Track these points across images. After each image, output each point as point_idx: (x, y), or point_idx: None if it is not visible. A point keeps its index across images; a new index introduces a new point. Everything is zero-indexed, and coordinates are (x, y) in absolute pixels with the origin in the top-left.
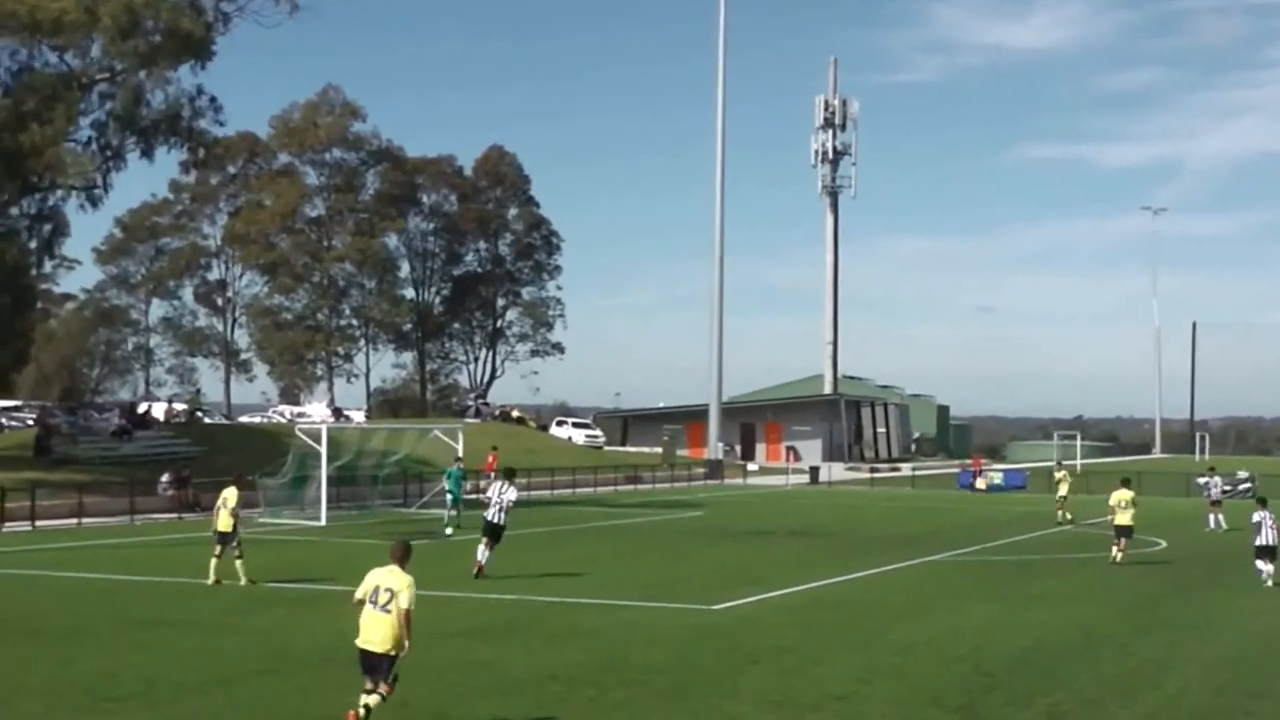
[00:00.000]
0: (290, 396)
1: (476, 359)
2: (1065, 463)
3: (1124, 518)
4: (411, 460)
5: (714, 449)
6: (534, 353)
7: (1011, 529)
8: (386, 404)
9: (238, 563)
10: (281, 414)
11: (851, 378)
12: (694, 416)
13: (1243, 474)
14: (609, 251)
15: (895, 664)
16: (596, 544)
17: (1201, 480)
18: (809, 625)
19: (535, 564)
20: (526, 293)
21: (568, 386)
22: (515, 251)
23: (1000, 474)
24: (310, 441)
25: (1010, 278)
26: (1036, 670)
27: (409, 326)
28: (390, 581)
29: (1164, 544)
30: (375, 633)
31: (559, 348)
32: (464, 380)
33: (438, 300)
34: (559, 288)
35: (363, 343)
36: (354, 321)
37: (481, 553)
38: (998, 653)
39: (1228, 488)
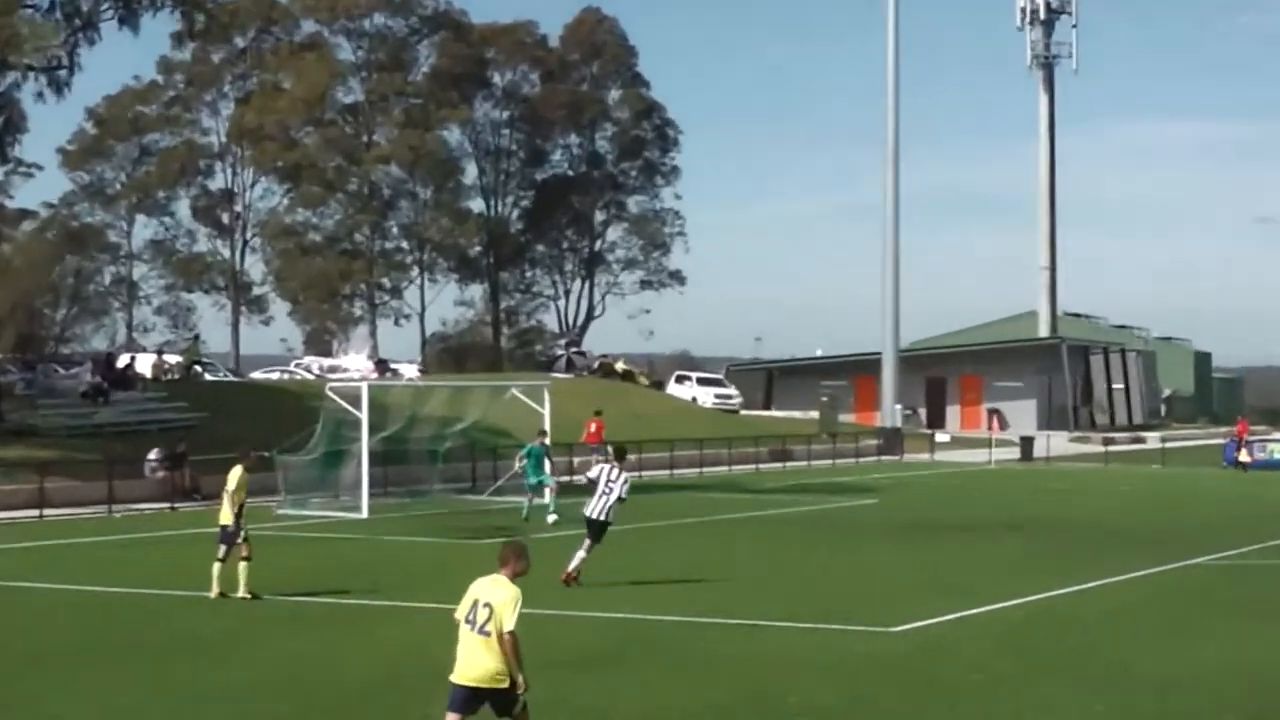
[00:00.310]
0: (319, 345)
1: (568, 293)
2: None
3: None
4: (482, 429)
5: (890, 413)
6: (645, 284)
7: None
8: (448, 354)
9: (241, 567)
10: (308, 369)
11: (1077, 316)
12: (863, 369)
13: None
14: (745, 147)
15: (1149, 710)
16: (732, 543)
17: None
18: (1026, 654)
19: (649, 569)
20: (634, 204)
21: (691, 330)
22: (619, 148)
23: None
24: (346, 405)
25: None
26: None
27: (477, 250)
28: (491, 594)
29: None
30: (470, 662)
31: (678, 277)
32: (551, 322)
33: (515, 215)
34: (677, 197)
35: (415, 273)
36: (403, 244)
37: (579, 556)
38: None
39: None
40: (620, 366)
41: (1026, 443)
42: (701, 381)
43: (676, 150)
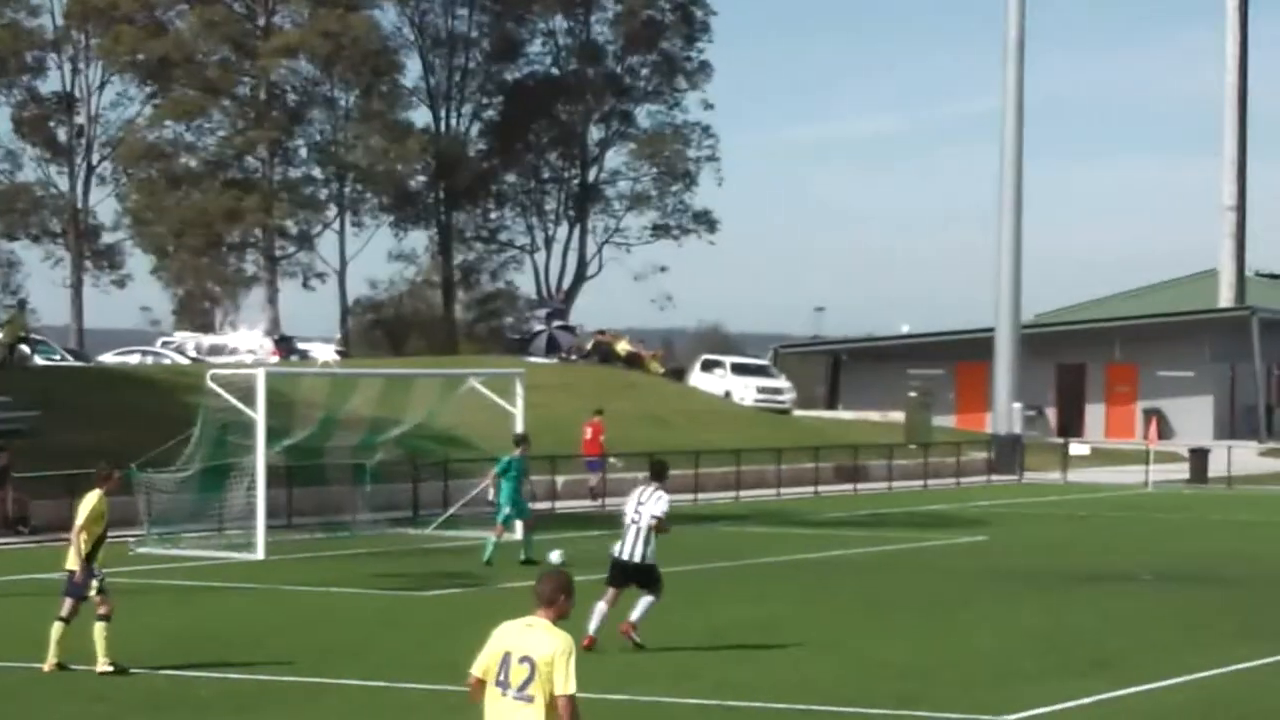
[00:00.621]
0: (196, 317)
1: (550, 243)
2: None
3: None
4: (427, 436)
5: (1007, 415)
6: (659, 231)
7: None
8: (380, 330)
9: (98, 629)
10: (181, 349)
11: (1276, 277)
12: (968, 353)
13: None
14: (805, 39)
15: None
16: (777, 597)
17: None
18: None
19: (657, 634)
20: (646, 115)
21: (724, 297)
22: (624, 36)
23: None
24: (234, 402)
25: None
26: None
27: (421, 181)
28: (531, 645)
29: None
30: None
31: (707, 221)
32: (526, 284)
33: (476, 132)
34: (708, 106)
35: (333, 213)
36: (316, 173)
37: (600, 612)
38: None
39: None
40: (623, 347)
41: (1199, 457)
42: (739, 369)
43: (707, 39)
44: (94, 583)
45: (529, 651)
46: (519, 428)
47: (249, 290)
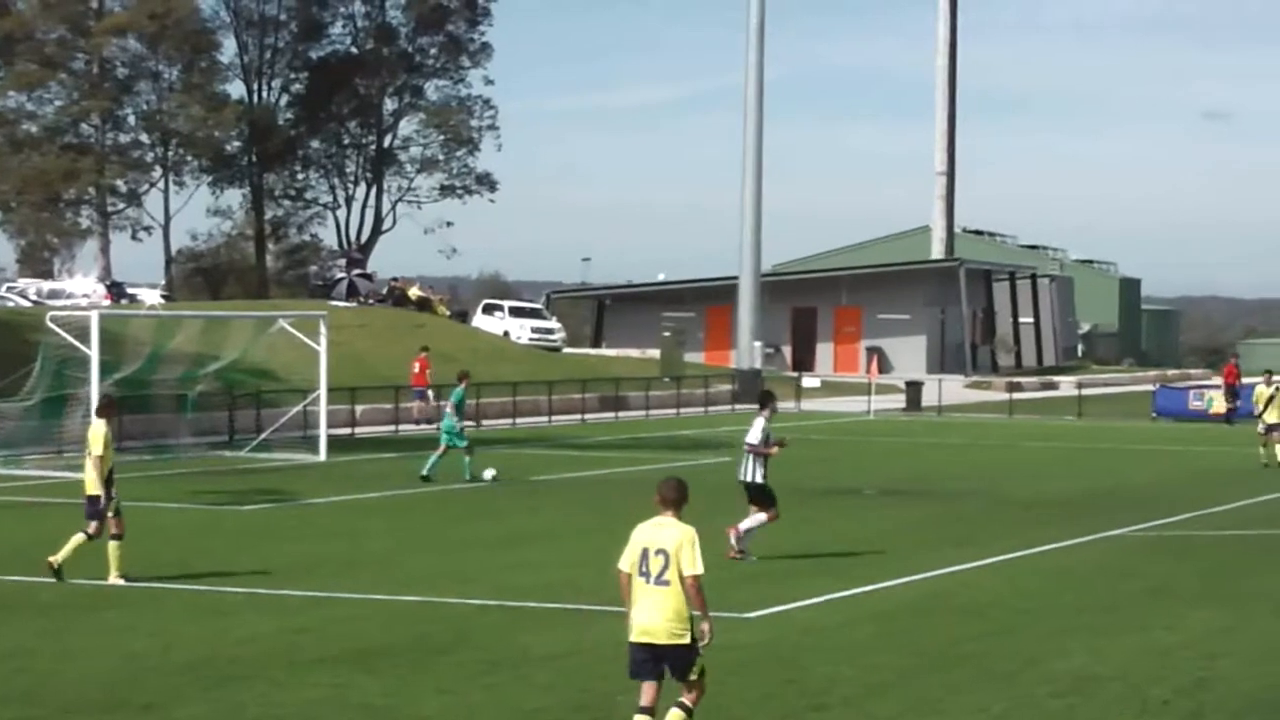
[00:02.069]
0: (37, 264)
1: (350, 201)
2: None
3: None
4: (242, 370)
5: (748, 352)
6: (446, 191)
7: (1250, 484)
8: (200, 277)
9: (112, 546)
10: (23, 293)
11: (979, 233)
12: (715, 298)
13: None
14: (572, 22)
15: (1059, 712)
16: (550, 512)
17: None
18: (910, 644)
19: (448, 544)
20: (434, 89)
21: (503, 248)
22: (415, 19)
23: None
24: (71, 339)
25: (1259, 64)
26: None
27: (236, 146)
28: (662, 539)
29: None
30: (654, 616)
31: (488, 182)
32: (329, 237)
33: (284, 102)
34: (488, 81)
35: (158, 174)
36: (143, 138)
37: (749, 525)
38: (1227, 693)
39: None
40: (415, 292)
41: (913, 389)
42: (515, 312)
43: (487, 22)
44: (112, 504)
45: (663, 544)
46: (323, 363)
47: (84, 242)
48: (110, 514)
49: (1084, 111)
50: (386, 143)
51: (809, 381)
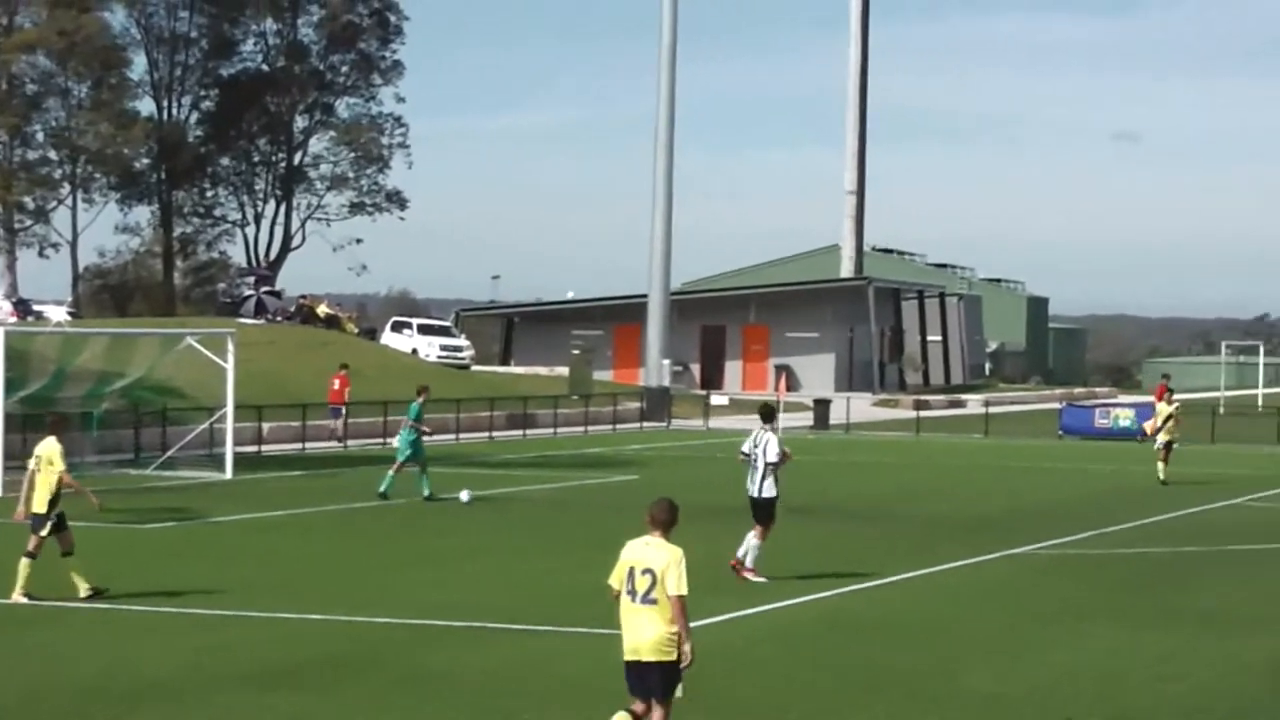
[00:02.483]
0: None
1: (259, 218)
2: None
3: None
4: (148, 388)
5: (657, 370)
6: (356, 208)
7: (1152, 502)
8: (107, 294)
9: (68, 562)
10: None
11: (888, 252)
12: (624, 316)
13: None
14: (485, 42)
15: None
16: (457, 529)
17: None
18: (815, 663)
19: (352, 561)
20: (345, 107)
21: (412, 266)
22: (326, 37)
23: (1132, 411)
24: None
25: (1168, 83)
26: None
27: (145, 164)
28: (650, 558)
29: None
30: (639, 634)
31: (398, 200)
32: (237, 254)
33: (194, 120)
34: (399, 99)
35: (66, 190)
36: (51, 154)
37: (752, 546)
38: (1129, 712)
39: None
40: (323, 310)
41: (821, 407)
42: (424, 329)
43: (399, 41)
44: (50, 523)
45: (650, 564)
46: (230, 380)
47: None
48: (43, 533)
49: (994, 132)
50: (296, 160)
51: (717, 399)
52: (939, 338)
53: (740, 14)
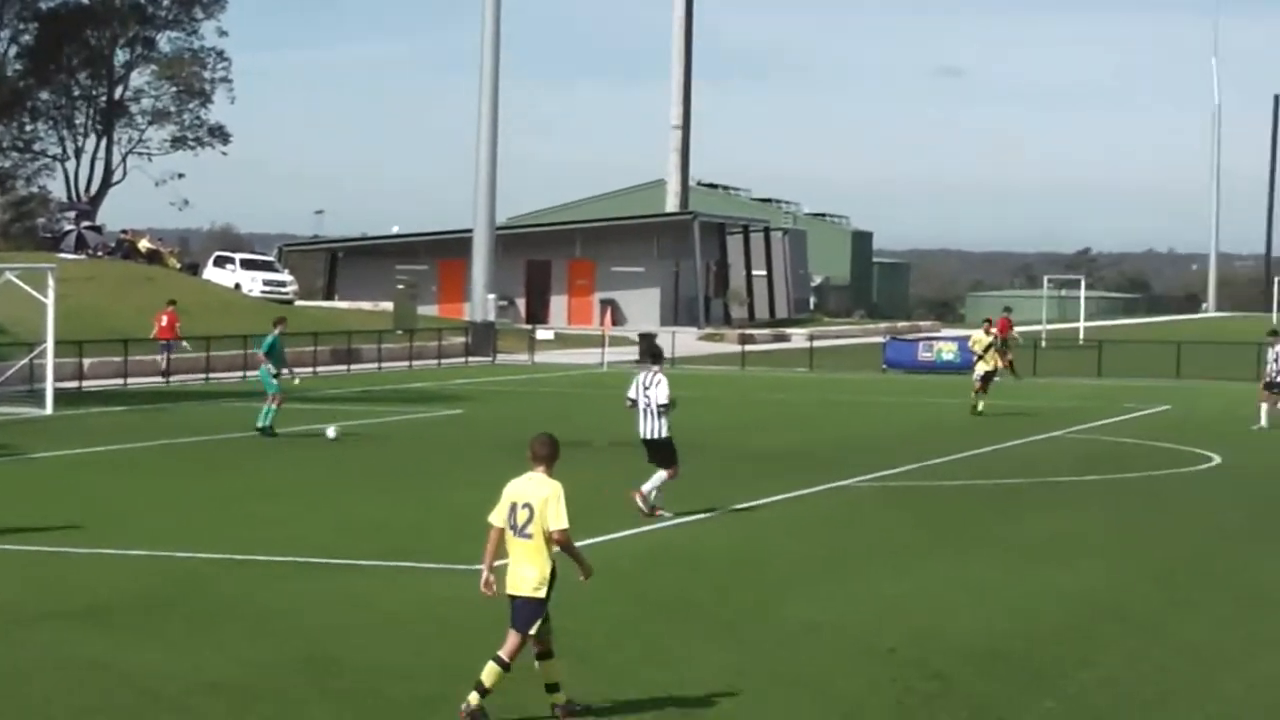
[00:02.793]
0: None
1: (79, 153)
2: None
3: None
4: None
5: (482, 305)
6: (178, 143)
7: (975, 434)
8: None
9: None
10: None
11: (713, 187)
12: (448, 251)
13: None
14: None
15: (787, 660)
16: (279, 464)
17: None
18: (640, 595)
19: (171, 498)
20: (166, 41)
21: (235, 201)
22: None
23: (955, 345)
24: None
25: (990, 22)
26: (1015, 668)
27: None
28: (529, 492)
29: (1218, 459)
30: (518, 568)
31: (220, 134)
32: (58, 189)
33: (13, 54)
34: (221, 33)
35: None
36: None
37: (652, 486)
38: (953, 641)
39: None
40: (145, 245)
41: (647, 340)
42: (247, 265)
43: None
44: None
45: (529, 499)
46: (50, 316)
47: None
48: None
49: (820, 68)
50: (118, 94)
51: (543, 334)
52: (764, 272)
53: None
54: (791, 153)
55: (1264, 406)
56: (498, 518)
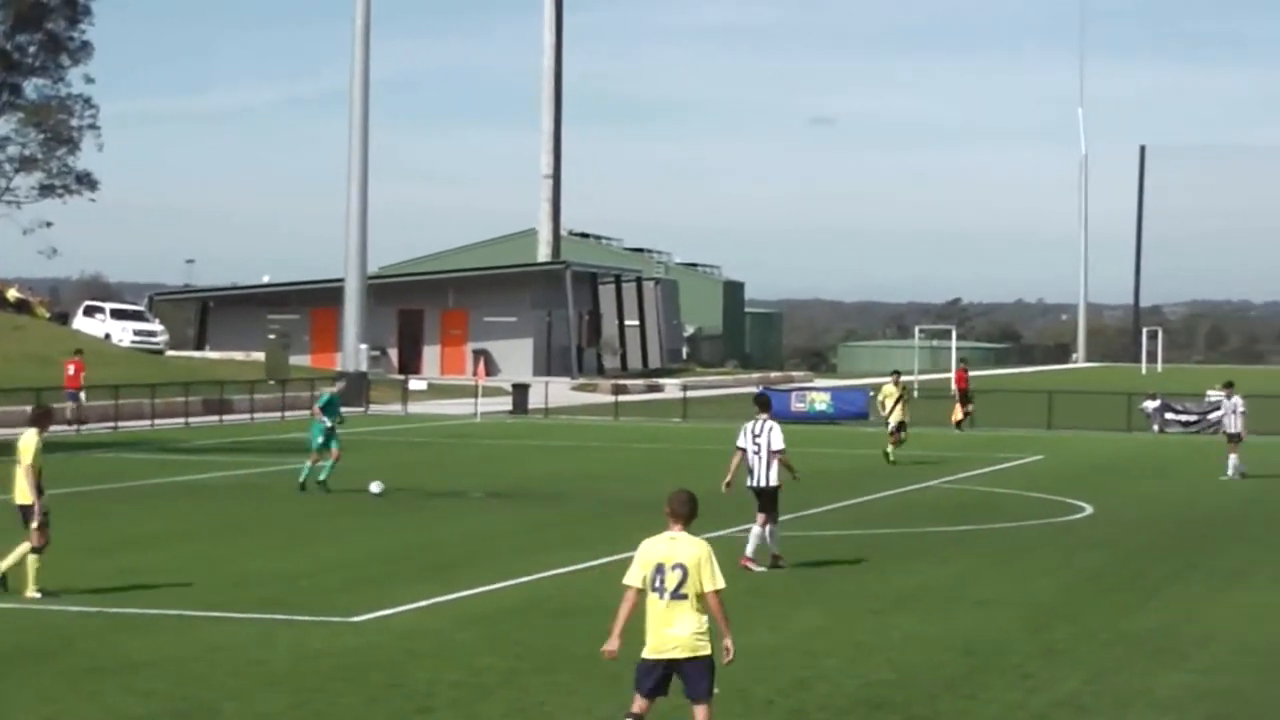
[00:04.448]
0: None
1: None
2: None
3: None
4: None
5: (354, 354)
6: (46, 190)
7: (851, 484)
8: None
9: (31, 559)
10: None
11: (585, 236)
12: (321, 300)
13: (1215, 394)
14: (177, 22)
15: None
16: (153, 515)
17: (1215, 398)
18: (517, 648)
19: (55, 547)
20: (33, 88)
21: (105, 250)
22: (13, 16)
23: (828, 395)
24: None
25: (861, 70)
26: (895, 719)
27: None
28: (679, 553)
29: (1090, 509)
30: (674, 631)
31: (89, 182)
32: None
33: None
34: (89, 80)
35: None
36: None
37: (755, 534)
38: (832, 690)
39: (1195, 416)
40: (13, 294)
41: (520, 391)
42: (117, 314)
43: (88, 21)
44: (38, 516)
45: (680, 559)
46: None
47: None
48: (35, 525)
49: (691, 117)
50: None
51: (416, 384)
52: (636, 322)
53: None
54: (663, 202)
55: (1232, 458)
56: (636, 579)
